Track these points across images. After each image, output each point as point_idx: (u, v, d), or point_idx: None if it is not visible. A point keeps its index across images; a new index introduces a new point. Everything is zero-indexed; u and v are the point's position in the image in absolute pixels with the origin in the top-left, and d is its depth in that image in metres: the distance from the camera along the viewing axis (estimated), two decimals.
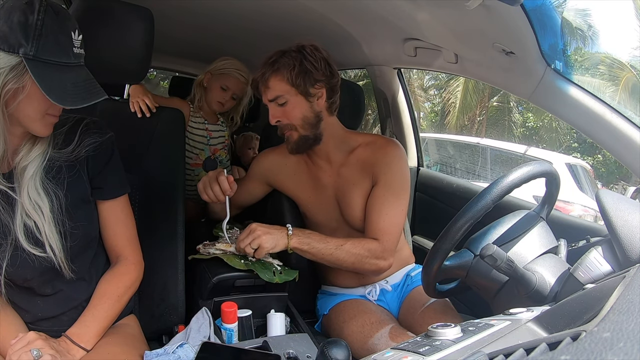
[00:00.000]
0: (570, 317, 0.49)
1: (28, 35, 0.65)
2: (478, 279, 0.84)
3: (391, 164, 1.13)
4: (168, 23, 1.51)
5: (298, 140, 1.13)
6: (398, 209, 1.12)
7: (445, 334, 0.51)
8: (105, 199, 0.86)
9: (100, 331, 0.81)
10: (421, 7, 1.07)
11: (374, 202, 1.12)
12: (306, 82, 1.08)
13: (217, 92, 1.55)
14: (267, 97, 1.11)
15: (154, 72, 7.26)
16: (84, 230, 0.81)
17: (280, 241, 1.04)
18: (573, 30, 9.33)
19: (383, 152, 1.14)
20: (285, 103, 1.10)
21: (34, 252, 0.74)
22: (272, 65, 1.09)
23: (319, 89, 1.11)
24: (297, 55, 1.08)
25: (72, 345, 0.77)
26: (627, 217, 0.70)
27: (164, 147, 1.09)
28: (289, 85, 1.08)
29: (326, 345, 0.61)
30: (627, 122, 0.94)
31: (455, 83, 11.57)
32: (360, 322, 1.10)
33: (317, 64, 1.09)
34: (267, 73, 1.09)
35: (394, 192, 1.12)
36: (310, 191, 1.22)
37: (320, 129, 1.14)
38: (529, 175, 0.79)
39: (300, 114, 1.10)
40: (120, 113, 1.11)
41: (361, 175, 1.15)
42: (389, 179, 1.12)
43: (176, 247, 1.04)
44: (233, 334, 0.94)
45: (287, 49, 1.10)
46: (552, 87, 1.02)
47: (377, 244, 1.09)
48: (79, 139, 0.81)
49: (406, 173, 1.16)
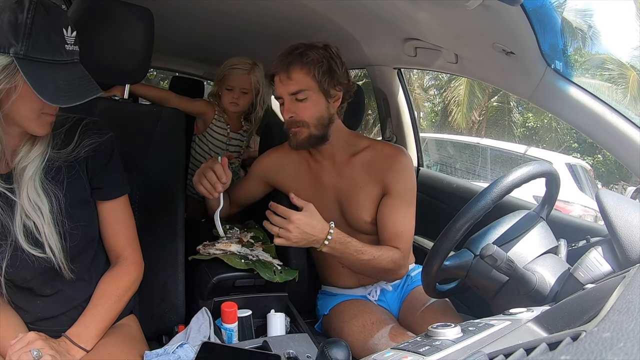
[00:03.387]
0: (570, 317, 0.49)
1: (18, 35, 0.65)
2: (478, 279, 0.84)
3: (402, 173, 1.14)
4: (168, 23, 1.51)
5: (306, 138, 1.11)
6: (410, 216, 1.14)
7: (445, 334, 0.51)
8: (104, 199, 0.86)
9: (100, 331, 0.81)
10: (421, 7, 1.07)
11: (389, 212, 1.12)
12: (329, 82, 1.07)
13: (226, 96, 1.58)
14: (288, 89, 1.06)
15: (154, 72, 7.25)
16: (84, 230, 0.80)
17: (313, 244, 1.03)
18: (573, 30, 9.32)
19: (394, 161, 1.14)
20: (305, 99, 1.07)
21: (33, 253, 0.74)
22: (301, 56, 1.04)
23: (338, 92, 1.10)
24: (324, 52, 1.06)
25: (71, 345, 0.76)
26: (627, 217, 0.70)
27: (164, 147, 1.09)
28: (314, 82, 1.05)
29: (326, 345, 0.61)
30: (627, 122, 0.94)
31: (455, 83, 11.57)
32: (360, 322, 1.10)
33: (340, 66, 1.09)
34: (294, 63, 1.05)
35: (406, 201, 1.13)
36: (310, 190, 1.22)
37: (330, 130, 1.13)
38: (529, 175, 0.79)
39: (317, 112, 1.09)
40: (120, 113, 1.11)
41: (368, 178, 1.15)
42: (401, 188, 1.13)
43: (176, 247, 1.04)
44: (233, 334, 0.94)
45: (313, 43, 1.08)
46: (552, 87, 1.02)
47: (399, 253, 1.10)
48: (78, 139, 0.80)
49: (415, 182, 1.17)
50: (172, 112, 1.14)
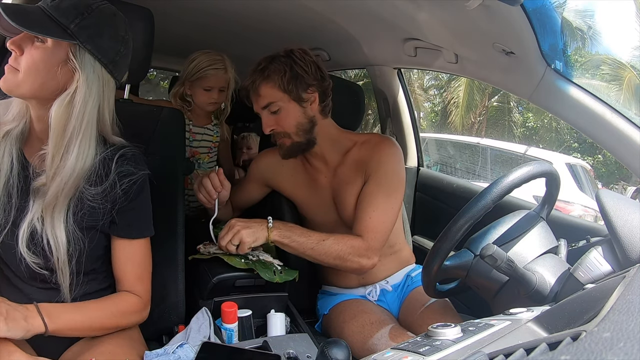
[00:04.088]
0: (570, 317, 0.49)
1: None
2: (478, 279, 0.84)
3: (383, 162, 1.11)
4: (168, 23, 1.51)
5: (290, 147, 1.13)
6: (387, 206, 1.09)
7: (445, 334, 0.51)
8: (116, 235, 0.82)
9: (72, 326, 0.74)
10: (421, 7, 1.07)
11: (362, 199, 1.10)
12: (298, 87, 1.06)
13: (203, 96, 1.50)
14: (259, 105, 1.09)
15: (154, 72, 7.25)
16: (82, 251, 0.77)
17: (260, 234, 1.02)
18: (573, 30, 9.32)
19: (377, 150, 1.12)
20: (278, 110, 1.08)
21: (28, 256, 0.73)
22: (262, 72, 1.07)
23: (312, 93, 1.09)
24: (286, 60, 1.06)
25: (35, 314, 0.69)
26: (627, 217, 0.70)
27: (164, 147, 1.09)
28: (281, 92, 1.06)
29: (326, 345, 0.61)
30: (627, 122, 0.94)
31: (456, 83, 11.57)
32: (360, 322, 1.10)
33: (307, 67, 1.07)
34: (257, 81, 1.07)
35: (384, 190, 1.09)
36: (307, 192, 1.22)
37: (314, 133, 1.13)
38: (529, 175, 0.79)
39: (294, 120, 1.09)
40: (120, 113, 1.11)
41: (355, 174, 1.14)
42: (380, 176, 1.10)
43: (176, 247, 1.04)
44: (233, 334, 0.94)
45: (275, 54, 1.08)
46: (552, 87, 1.02)
47: (361, 241, 1.06)
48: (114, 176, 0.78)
49: (399, 171, 1.13)
50: (172, 112, 1.14)
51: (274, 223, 1.05)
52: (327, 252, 1.04)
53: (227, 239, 1.01)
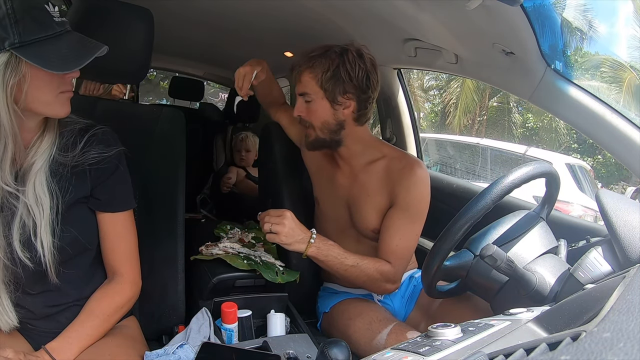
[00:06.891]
0: (570, 317, 0.49)
1: (6, 26, 0.65)
2: (478, 279, 0.84)
3: (412, 188, 1.09)
4: (168, 23, 1.51)
5: (314, 140, 1.13)
6: (412, 234, 1.10)
7: (445, 334, 0.51)
8: (102, 210, 0.84)
9: (82, 349, 0.78)
10: (421, 7, 1.07)
11: (389, 225, 1.10)
12: (335, 89, 1.05)
13: None
14: (297, 89, 1.10)
15: (154, 72, 7.26)
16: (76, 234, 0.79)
17: (298, 245, 1.02)
18: (573, 30, 9.32)
19: (408, 174, 1.09)
20: (311, 102, 1.08)
21: (22, 257, 0.73)
22: (309, 60, 1.06)
23: (348, 100, 1.08)
24: (336, 58, 1.05)
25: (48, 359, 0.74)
26: (627, 217, 0.70)
27: (164, 147, 1.09)
28: (318, 87, 1.06)
29: (326, 346, 0.61)
30: (627, 122, 0.94)
31: (456, 84, 11.58)
32: (367, 319, 1.09)
33: (353, 73, 1.05)
34: (303, 67, 1.07)
35: (410, 216, 1.09)
36: (325, 184, 1.22)
37: (340, 135, 1.12)
38: (529, 175, 0.79)
39: (321, 117, 1.09)
40: (120, 113, 1.11)
41: (378, 187, 1.13)
42: (408, 202, 1.09)
43: (176, 247, 1.04)
44: (233, 334, 0.95)
45: (331, 46, 1.07)
46: (552, 87, 1.02)
47: (389, 267, 1.07)
48: (83, 147, 0.79)
49: (426, 197, 1.11)
50: (172, 112, 1.14)
51: (316, 240, 1.04)
52: (358, 275, 1.07)
53: (271, 222, 1.00)
